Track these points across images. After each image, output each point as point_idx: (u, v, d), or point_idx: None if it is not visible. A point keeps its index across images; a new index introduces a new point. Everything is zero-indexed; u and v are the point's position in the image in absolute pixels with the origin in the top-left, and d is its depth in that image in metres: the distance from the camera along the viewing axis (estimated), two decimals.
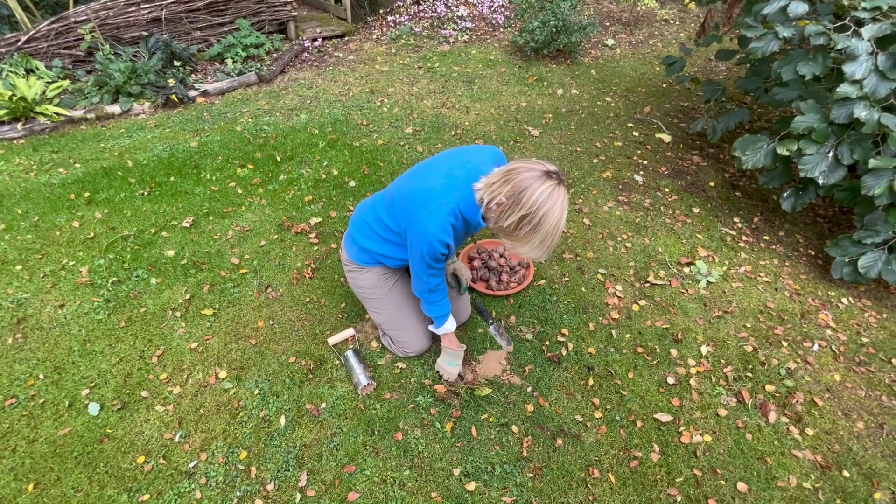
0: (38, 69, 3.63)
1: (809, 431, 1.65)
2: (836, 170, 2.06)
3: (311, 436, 1.58)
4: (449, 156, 1.44)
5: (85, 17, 3.83)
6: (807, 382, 1.81)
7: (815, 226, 2.62)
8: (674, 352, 1.90)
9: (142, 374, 1.75)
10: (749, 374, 1.82)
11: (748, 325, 2.02)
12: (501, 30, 5.08)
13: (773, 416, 1.68)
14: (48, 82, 3.54)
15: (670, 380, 1.79)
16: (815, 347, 1.94)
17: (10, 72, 3.46)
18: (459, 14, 5.20)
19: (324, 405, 1.66)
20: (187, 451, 1.53)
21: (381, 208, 1.52)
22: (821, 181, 2.08)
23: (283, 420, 1.61)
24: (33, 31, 3.70)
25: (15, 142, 3.15)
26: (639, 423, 1.65)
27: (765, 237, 2.50)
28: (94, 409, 1.62)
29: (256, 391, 1.70)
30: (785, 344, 1.95)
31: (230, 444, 1.55)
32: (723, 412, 1.69)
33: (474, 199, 1.32)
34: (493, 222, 1.32)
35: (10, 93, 3.12)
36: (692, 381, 1.79)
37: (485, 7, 5.36)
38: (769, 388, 1.78)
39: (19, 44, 3.67)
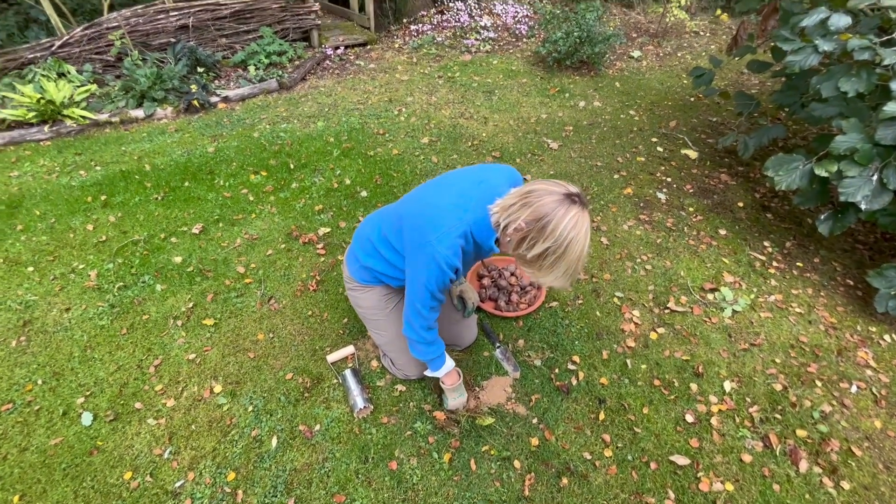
0: (69, 73, 3.74)
1: (845, 485, 1.48)
2: (880, 194, 1.90)
3: (302, 459, 1.51)
4: (462, 174, 1.36)
5: (116, 24, 3.94)
6: (843, 428, 1.64)
7: (853, 253, 2.43)
8: (694, 386, 1.76)
9: (137, 385, 1.72)
10: (778, 416, 1.67)
11: (777, 361, 1.86)
12: (525, 40, 5.01)
13: (804, 465, 1.53)
14: (77, 86, 3.64)
15: (689, 418, 1.65)
16: (854, 389, 1.77)
17: (43, 75, 3.58)
18: (483, 24, 5.16)
19: (318, 427, 1.59)
20: (175, 468, 1.48)
21: (386, 226, 1.45)
22: (863, 206, 1.92)
23: (274, 441, 1.55)
24: (67, 37, 3.83)
25: (41, 143, 3.23)
26: (653, 465, 1.52)
27: (798, 264, 2.33)
28: (87, 418, 1.59)
29: (250, 408, 1.65)
30: (819, 384, 1.78)
31: (219, 464, 1.49)
32: (747, 458, 1.54)
33: (489, 222, 1.22)
34: (511, 248, 1.21)
35: (38, 95, 3.21)
36: (713, 421, 1.65)
37: (508, 17, 5.31)
38: (800, 432, 1.62)
39: (53, 48, 3.79)
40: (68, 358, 1.81)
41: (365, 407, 1.61)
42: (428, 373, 1.56)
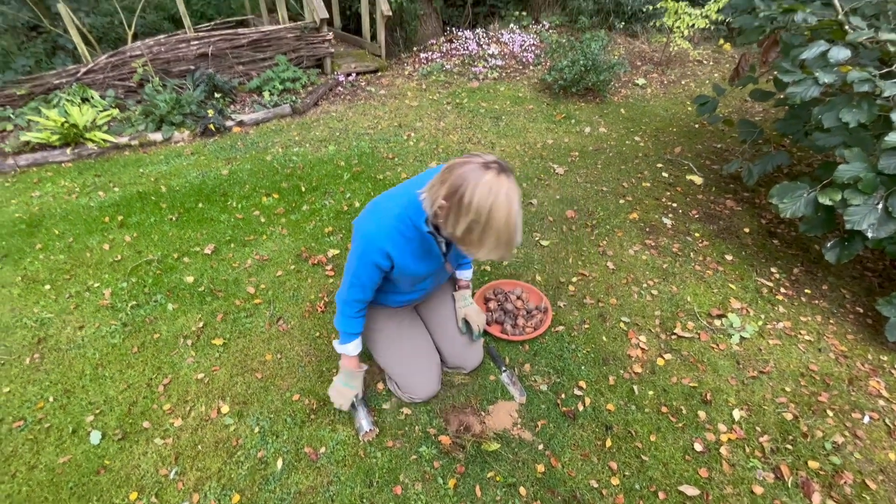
0: (92, 98, 3.90)
1: None
2: (886, 222, 1.90)
3: (307, 482, 1.50)
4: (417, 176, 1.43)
5: (139, 52, 4.12)
6: (857, 460, 1.61)
7: (862, 280, 2.41)
8: (702, 414, 1.74)
9: (146, 403, 1.74)
10: (789, 447, 1.64)
11: (787, 390, 1.84)
12: (531, 68, 5.14)
13: (817, 498, 1.49)
14: (100, 111, 3.79)
15: (698, 446, 1.63)
16: (866, 420, 1.74)
17: (67, 100, 3.73)
18: (490, 52, 5.32)
19: (323, 449, 1.59)
20: (180, 489, 1.48)
21: None
22: (869, 234, 1.92)
23: (280, 463, 1.55)
24: (92, 64, 4.00)
25: (63, 165, 3.35)
26: (661, 495, 1.49)
27: (806, 290, 2.32)
28: (95, 437, 1.61)
29: (257, 429, 1.65)
30: (830, 413, 1.76)
31: (224, 486, 1.49)
32: (758, 489, 1.51)
33: (420, 204, 1.24)
34: (447, 231, 1.18)
35: (62, 119, 3.34)
36: (723, 450, 1.62)
37: (515, 46, 5.46)
38: (812, 464, 1.59)
39: (78, 75, 3.96)
40: (80, 376, 1.84)
41: (370, 430, 1.61)
42: (335, 342, 1.58)
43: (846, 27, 2.18)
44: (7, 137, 3.58)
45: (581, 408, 1.74)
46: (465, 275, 1.81)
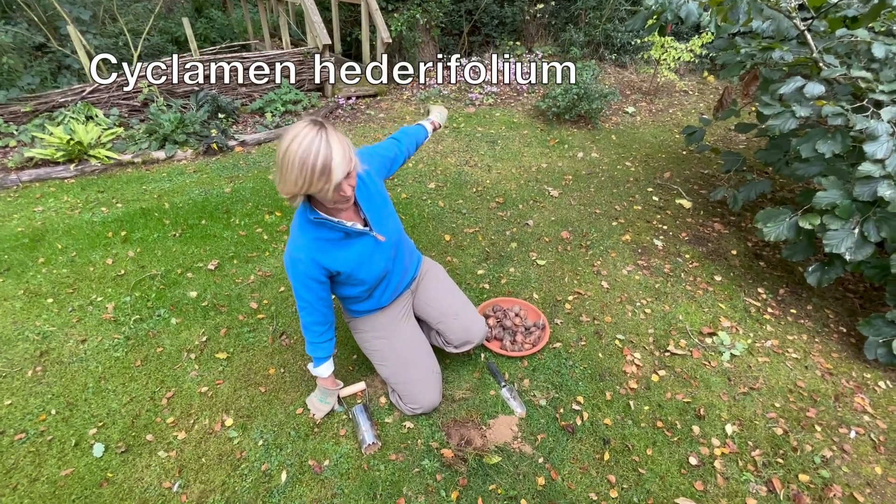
0: (96, 116, 3.97)
1: None
2: (863, 246, 2.02)
3: (311, 495, 1.52)
4: None
5: (144, 73, 4.22)
6: (844, 474, 1.67)
7: (845, 301, 2.52)
8: (696, 429, 1.79)
9: (150, 416, 1.74)
10: (780, 461, 1.70)
11: (777, 405, 1.91)
12: (525, 95, 5.34)
13: None
14: (105, 129, 3.85)
15: (693, 460, 1.68)
16: (852, 434, 1.81)
17: (72, 118, 3.79)
18: (485, 79, 5.51)
19: (327, 462, 1.61)
20: (184, 502, 1.48)
21: None
22: (847, 257, 2.03)
23: (284, 475, 1.56)
24: (98, 83, 4.09)
25: (66, 181, 3.38)
26: None
27: (792, 310, 2.42)
28: (98, 450, 1.61)
29: (261, 442, 1.67)
30: (818, 428, 1.82)
31: (228, 499, 1.50)
32: (752, 502, 1.56)
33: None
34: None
35: (68, 137, 3.40)
36: (717, 464, 1.67)
37: (510, 74, 5.67)
38: (803, 477, 1.64)
39: (84, 94, 4.04)
40: (83, 388, 1.84)
41: (373, 443, 1.63)
42: (310, 365, 1.68)
43: (820, 64, 2.35)
44: (10, 153, 3.62)
45: (579, 422, 1.79)
46: (427, 127, 1.96)
